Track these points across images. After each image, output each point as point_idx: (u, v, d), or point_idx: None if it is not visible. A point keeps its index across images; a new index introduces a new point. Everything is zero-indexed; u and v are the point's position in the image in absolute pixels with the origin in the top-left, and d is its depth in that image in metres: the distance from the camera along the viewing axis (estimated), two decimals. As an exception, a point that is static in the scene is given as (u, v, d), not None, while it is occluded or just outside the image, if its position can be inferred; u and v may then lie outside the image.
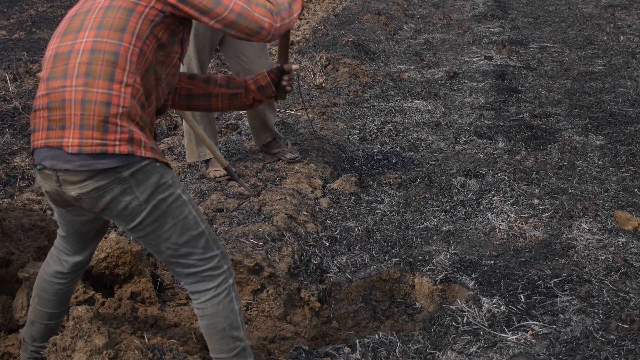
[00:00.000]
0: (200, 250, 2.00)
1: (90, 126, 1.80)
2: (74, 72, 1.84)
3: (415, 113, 5.48)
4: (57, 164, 1.83)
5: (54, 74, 1.89)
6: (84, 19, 1.93)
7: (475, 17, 9.50)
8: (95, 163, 1.80)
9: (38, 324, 2.25)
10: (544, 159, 4.34)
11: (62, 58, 1.89)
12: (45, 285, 2.22)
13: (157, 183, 1.89)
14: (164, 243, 1.95)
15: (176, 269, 2.04)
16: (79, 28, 1.91)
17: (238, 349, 2.13)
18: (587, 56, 7.15)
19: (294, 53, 7.64)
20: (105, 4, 1.92)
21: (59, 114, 1.84)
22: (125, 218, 1.90)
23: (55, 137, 1.84)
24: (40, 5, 12.13)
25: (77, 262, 2.21)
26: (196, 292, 2.06)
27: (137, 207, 1.87)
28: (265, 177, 4.04)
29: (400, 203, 3.94)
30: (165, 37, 1.97)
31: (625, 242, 3.17)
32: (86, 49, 1.86)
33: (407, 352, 2.53)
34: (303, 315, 2.98)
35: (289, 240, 3.33)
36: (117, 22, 1.88)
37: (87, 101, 1.81)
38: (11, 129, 5.14)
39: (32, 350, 2.27)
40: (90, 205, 1.88)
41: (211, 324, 2.08)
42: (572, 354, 2.36)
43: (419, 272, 3.13)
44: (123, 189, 1.84)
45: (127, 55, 1.86)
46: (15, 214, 3.12)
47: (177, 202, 1.94)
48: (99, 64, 1.84)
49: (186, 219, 1.96)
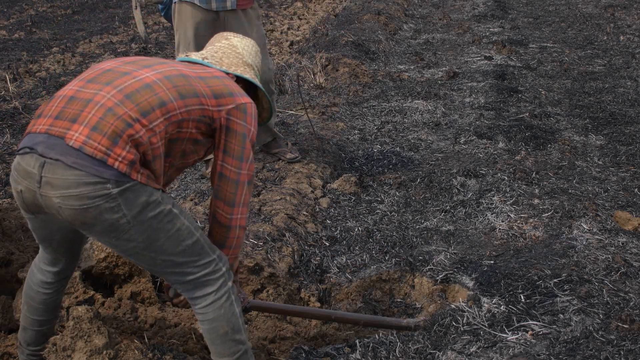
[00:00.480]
0: (196, 258, 2.00)
1: (103, 132, 1.79)
2: (119, 87, 1.87)
3: (415, 113, 5.48)
4: (51, 152, 1.77)
5: (99, 80, 1.91)
6: (156, 64, 2.02)
7: (475, 17, 9.50)
8: (90, 167, 1.76)
9: (30, 330, 2.24)
10: (544, 159, 4.34)
11: (115, 74, 1.93)
12: (32, 294, 2.19)
13: (146, 202, 1.85)
14: (159, 256, 1.94)
15: (174, 278, 2.03)
16: (148, 66, 1.99)
17: (240, 352, 2.12)
18: (587, 56, 7.15)
19: (294, 53, 7.64)
20: (183, 72, 2.03)
21: (76, 109, 1.83)
22: (110, 234, 1.86)
23: (60, 126, 1.81)
24: (40, 5, 12.13)
25: (58, 272, 2.17)
26: (196, 298, 2.05)
27: (125, 225, 1.84)
28: (265, 177, 4.04)
29: (400, 203, 3.93)
30: (201, 138, 2.07)
31: (625, 242, 3.17)
32: (144, 80, 1.92)
33: (407, 352, 2.53)
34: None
35: (289, 240, 3.33)
36: (182, 89, 1.97)
37: (112, 112, 1.82)
38: (11, 129, 5.14)
39: (28, 353, 2.27)
40: (71, 217, 1.81)
41: (213, 329, 2.07)
42: (572, 354, 2.36)
43: (419, 272, 3.13)
44: (111, 206, 1.80)
45: (169, 112, 1.91)
46: (15, 214, 3.12)
47: (168, 216, 1.92)
48: (144, 97, 1.87)
49: (179, 230, 1.95)
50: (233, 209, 2.13)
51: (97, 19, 10.78)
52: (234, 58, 2.31)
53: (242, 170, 2.12)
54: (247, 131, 2.12)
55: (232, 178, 2.11)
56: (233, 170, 2.11)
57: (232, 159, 2.11)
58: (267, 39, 8.58)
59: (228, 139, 2.10)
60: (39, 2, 12.43)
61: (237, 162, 2.11)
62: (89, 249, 2.90)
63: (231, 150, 2.10)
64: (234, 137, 2.10)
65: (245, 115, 2.12)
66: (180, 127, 1.96)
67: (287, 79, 6.31)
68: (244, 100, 2.13)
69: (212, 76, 2.12)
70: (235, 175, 2.11)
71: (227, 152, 2.10)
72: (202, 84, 2.03)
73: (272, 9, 9.64)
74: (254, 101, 2.37)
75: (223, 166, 2.11)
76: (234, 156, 2.11)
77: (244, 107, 2.12)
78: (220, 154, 2.11)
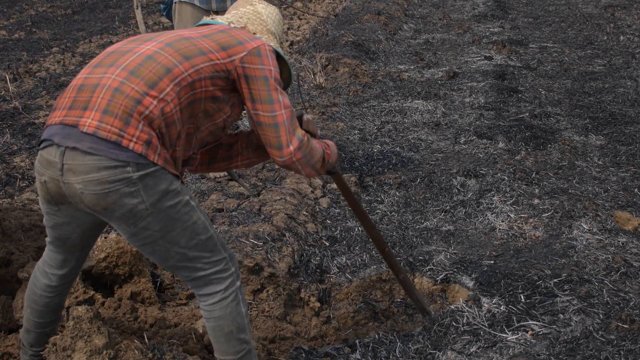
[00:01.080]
0: (208, 254, 2.00)
1: (114, 114, 1.79)
2: (122, 65, 1.88)
3: (415, 113, 5.48)
4: (67, 141, 1.79)
5: (103, 63, 1.92)
6: (157, 36, 2.01)
7: (475, 17, 9.50)
8: (106, 150, 1.77)
9: (33, 332, 2.24)
10: (544, 159, 4.34)
11: (118, 54, 1.95)
12: (35, 297, 2.19)
13: (166, 190, 1.86)
14: (173, 247, 1.93)
15: (184, 273, 2.02)
16: (149, 39, 1.99)
17: (244, 351, 2.12)
18: (587, 56, 7.16)
19: (294, 53, 7.64)
20: (185, 35, 2.01)
21: (86, 95, 1.84)
22: (128, 221, 1.86)
23: (74, 115, 1.82)
24: (40, 5, 12.14)
25: (64, 275, 2.17)
26: (204, 295, 2.05)
27: (143, 211, 1.84)
28: (265, 177, 4.04)
29: (400, 203, 3.94)
30: (221, 94, 2.04)
31: (625, 242, 3.17)
32: (145, 53, 1.91)
33: (407, 352, 2.53)
34: (303, 315, 2.98)
35: (289, 240, 3.33)
36: (186, 50, 1.95)
37: (119, 91, 1.82)
38: (11, 129, 5.14)
39: (31, 354, 2.27)
40: (92, 202, 1.83)
41: (218, 327, 2.07)
42: (572, 354, 2.36)
43: (419, 272, 3.13)
44: (130, 191, 1.81)
45: (177, 77, 1.89)
46: (15, 214, 3.12)
47: (185, 207, 1.92)
48: (148, 69, 1.87)
49: (195, 224, 1.95)
50: (282, 151, 2.10)
51: (97, 19, 10.78)
52: (259, 25, 2.27)
53: (277, 112, 2.08)
54: (267, 73, 2.07)
55: (269, 123, 2.08)
56: (268, 115, 2.07)
57: (261, 104, 2.07)
58: (267, 39, 8.57)
59: (251, 86, 2.06)
60: (39, 2, 12.43)
61: (268, 106, 2.07)
62: (89, 249, 2.90)
63: (258, 96, 2.07)
64: (256, 82, 2.06)
65: (261, 57, 2.07)
66: (193, 89, 1.94)
67: (287, 79, 6.30)
68: (256, 44, 2.08)
69: (217, 31, 2.09)
70: (271, 119, 2.07)
71: (255, 100, 2.07)
72: (207, 41, 2.01)
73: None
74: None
75: (257, 114, 2.08)
76: (263, 101, 2.07)
77: (257, 50, 2.07)
78: (249, 103, 2.08)
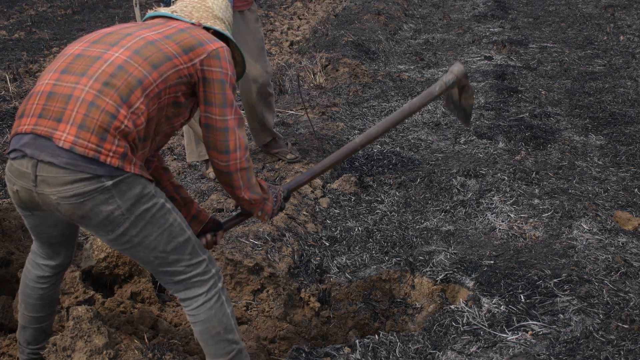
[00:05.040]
0: (187, 257, 2.00)
1: (90, 129, 1.78)
2: (94, 75, 1.84)
3: (415, 113, 5.48)
4: (41, 155, 1.77)
5: (72, 70, 1.88)
6: (122, 38, 1.96)
7: (475, 17, 9.50)
8: (83, 166, 1.76)
9: (29, 329, 2.24)
10: (544, 159, 4.34)
11: (86, 60, 1.89)
12: (29, 290, 2.19)
13: (140, 193, 1.86)
14: (152, 252, 1.94)
15: (165, 277, 2.02)
16: (115, 43, 1.94)
17: (234, 352, 2.12)
18: (587, 56, 7.15)
19: (294, 53, 7.64)
20: (149, 39, 1.97)
21: (58, 106, 1.81)
22: (106, 228, 1.86)
23: (46, 126, 1.79)
24: (40, 5, 12.14)
25: (55, 265, 2.17)
26: (187, 299, 2.06)
27: (119, 217, 1.84)
28: (265, 177, 4.04)
29: (400, 203, 3.94)
30: (183, 99, 2.03)
31: (625, 242, 3.17)
32: (115, 62, 1.88)
33: (407, 352, 2.53)
34: (303, 315, 2.98)
35: (289, 240, 3.33)
36: (153, 58, 1.92)
37: (95, 105, 1.80)
38: (11, 129, 5.14)
39: (28, 352, 2.27)
40: (69, 212, 1.83)
41: (205, 330, 2.07)
42: (572, 354, 2.36)
43: (419, 272, 3.13)
44: (105, 198, 1.80)
45: (147, 89, 1.88)
46: (15, 214, 3.12)
47: (161, 211, 1.92)
48: (120, 80, 1.85)
49: (172, 226, 1.95)
50: (228, 155, 2.09)
51: (97, 19, 10.78)
52: (204, 12, 2.26)
53: (228, 117, 2.07)
54: (224, 76, 2.06)
55: (219, 127, 2.07)
56: (218, 119, 2.06)
57: (214, 107, 2.05)
58: (267, 39, 8.58)
59: (207, 89, 2.05)
60: (39, 2, 12.43)
61: (221, 110, 2.06)
62: (88, 249, 2.90)
63: (212, 99, 2.05)
64: (212, 85, 2.05)
65: (219, 60, 2.06)
66: (159, 97, 1.93)
67: (287, 79, 6.31)
68: (215, 46, 2.07)
69: (178, 30, 2.06)
70: (222, 123, 2.07)
71: (209, 102, 2.05)
72: (170, 44, 1.99)
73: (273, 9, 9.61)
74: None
75: (207, 117, 2.06)
76: (216, 104, 2.05)
77: (216, 53, 2.06)
78: (202, 105, 2.07)
